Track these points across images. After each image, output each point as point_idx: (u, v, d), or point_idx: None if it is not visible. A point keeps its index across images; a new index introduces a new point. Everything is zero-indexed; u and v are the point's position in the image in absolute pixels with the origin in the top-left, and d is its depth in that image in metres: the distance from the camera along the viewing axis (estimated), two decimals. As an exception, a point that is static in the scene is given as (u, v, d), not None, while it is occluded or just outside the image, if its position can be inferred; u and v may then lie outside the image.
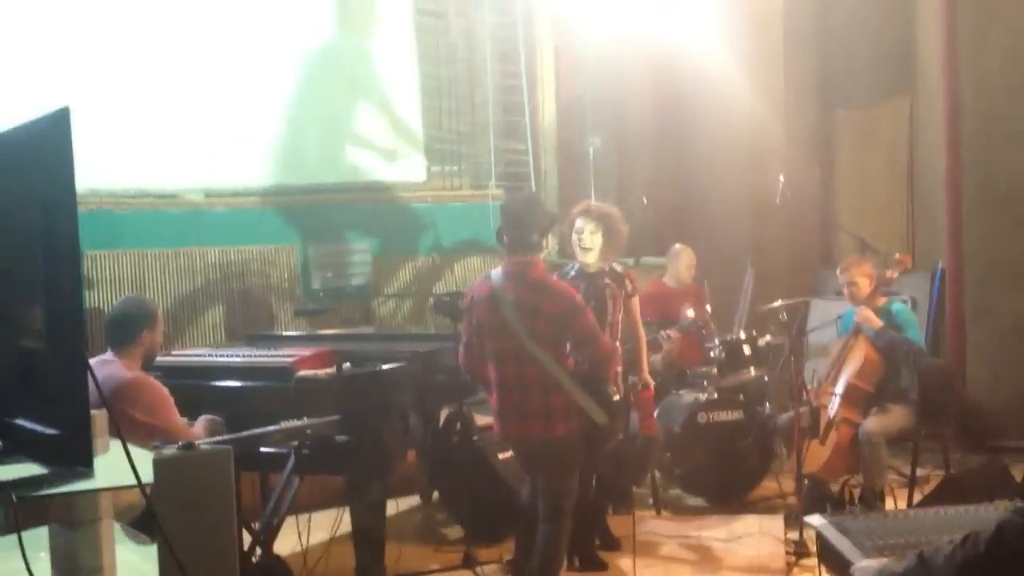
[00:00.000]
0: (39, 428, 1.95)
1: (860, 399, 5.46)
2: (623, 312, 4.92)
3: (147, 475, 1.98)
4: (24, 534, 2.13)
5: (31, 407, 1.99)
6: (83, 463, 1.90)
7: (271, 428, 3.92)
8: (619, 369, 4.68)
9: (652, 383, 5.21)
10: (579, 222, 4.91)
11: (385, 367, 4.46)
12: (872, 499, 5.17)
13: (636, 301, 5.06)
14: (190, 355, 5.14)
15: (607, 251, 4.91)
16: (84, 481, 1.92)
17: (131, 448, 2.00)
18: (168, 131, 7.45)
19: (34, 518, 2.34)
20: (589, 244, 4.86)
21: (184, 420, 4.23)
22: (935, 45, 7.23)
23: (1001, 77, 6.93)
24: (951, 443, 6.01)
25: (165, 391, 4.18)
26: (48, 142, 1.95)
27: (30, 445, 2.00)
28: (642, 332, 5.17)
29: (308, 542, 4.31)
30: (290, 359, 4.48)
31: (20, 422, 2.01)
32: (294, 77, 8.00)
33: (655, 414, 5.89)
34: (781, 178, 7.16)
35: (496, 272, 4.27)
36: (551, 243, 4.44)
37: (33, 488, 1.92)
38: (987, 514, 2.74)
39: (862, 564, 2.63)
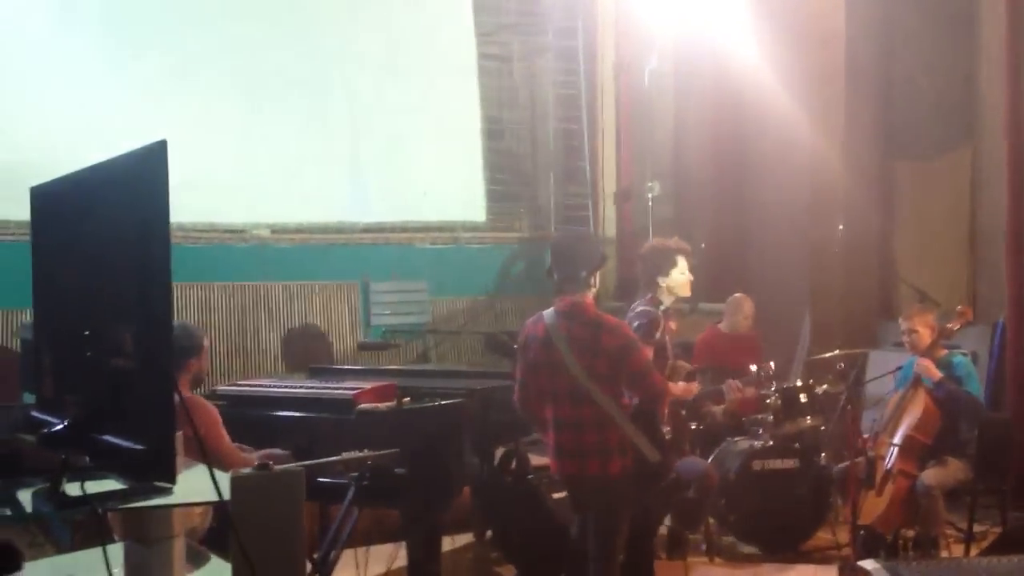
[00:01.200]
0: (125, 444, 2.05)
1: (918, 451, 5.41)
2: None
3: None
4: (95, 551, 2.24)
5: (119, 424, 2.09)
6: (166, 478, 1.99)
7: (333, 458, 4.00)
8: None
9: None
10: (685, 262, 4.79)
11: (443, 403, 4.53)
12: (927, 545, 5.11)
13: None
14: (253, 385, 5.26)
15: None
16: (166, 496, 2.01)
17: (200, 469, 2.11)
18: (237, 167, 7.68)
19: (101, 535, 2.44)
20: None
21: (252, 450, 4.33)
22: (998, 97, 7.21)
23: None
24: (1010, 500, 5.92)
25: (215, 413, 4.28)
26: (145, 172, 2.06)
27: (115, 461, 2.10)
28: None
29: (365, 574, 4.36)
30: (351, 392, 4.57)
31: (107, 438, 2.11)
32: (359, 117, 8.21)
33: (711, 459, 5.91)
34: (840, 227, 7.15)
35: (549, 312, 4.29)
36: (598, 281, 4.44)
37: (118, 501, 2.02)
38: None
39: None
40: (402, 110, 8.40)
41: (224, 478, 2.09)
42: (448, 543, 5.27)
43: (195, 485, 2.17)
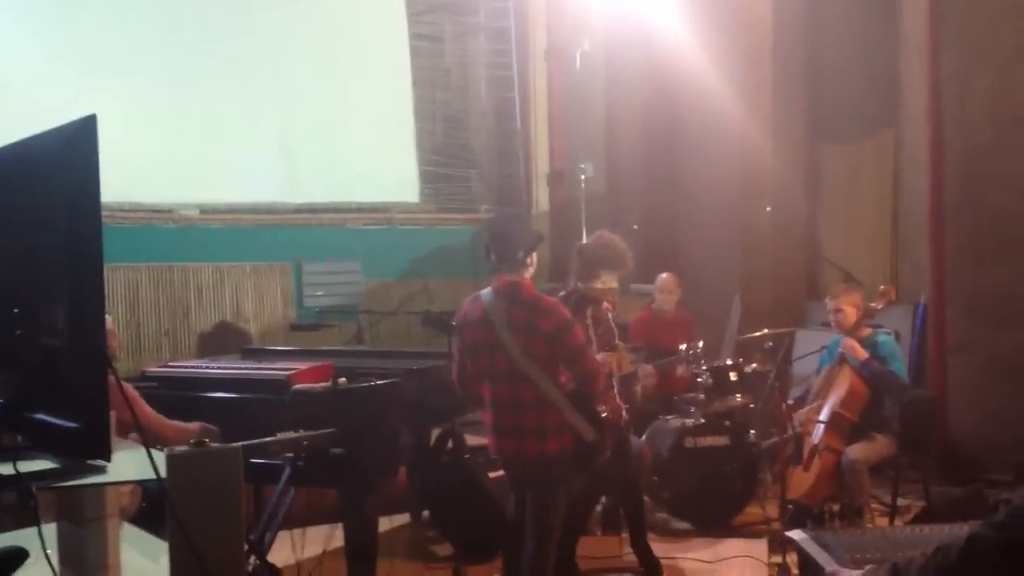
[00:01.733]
0: (58, 422, 2.02)
1: (844, 427, 5.53)
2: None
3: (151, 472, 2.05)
4: (24, 532, 2.20)
5: (51, 402, 2.06)
6: (101, 455, 1.97)
7: (268, 439, 3.97)
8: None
9: None
10: (613, 279, 4.82)
11: (379, 383, 4.53)
12: (852, 516, 5.24)
13: None
14: (185, 366, 5.20)
15: None
16: (101, 474, 1.99)
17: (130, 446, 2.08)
18: (165, 146, 7.55)
19: (32, 517, 2.40)
20: (612, 301, 4.90)
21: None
22: (920, 83, 7.38)
23: (985, 115, 7.07)
24: (932, 475, 6.09)
25: (129, 387, 4.23)
26: (75, 148, 2.02)
27: (48, 439, 2.07)
28: None
29: (302, 555, 4.35)
30: (285, 373, 4.54)
31: (40, 416, 2.07)
32: (291, 96, 8.12)
33: (645, 437, 6.00)
34: (768, 209, 7.27)
35: (487, 292, 4.31)
36: (535, 260, 4.44)
37: (52, 479, 1.99)
38: (961, 532, 2.82)
39: (835, 569, 2.72)
40: (334, 90, 8.32)
41: (159, 456, 2.07)
42: (385, 523, 5.27)
43: (128, 463, 2.15)
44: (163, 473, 2.02)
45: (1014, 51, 6.99)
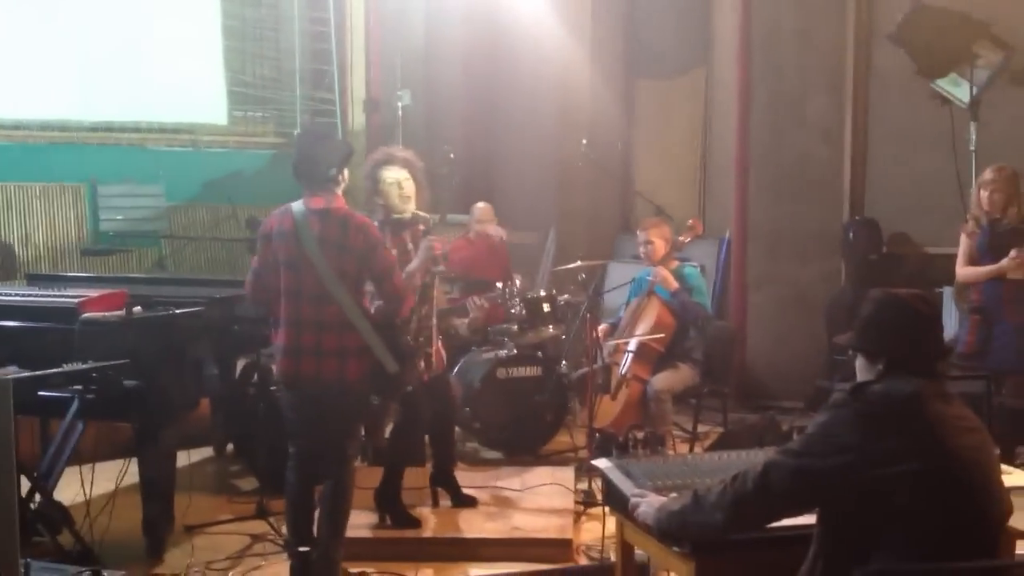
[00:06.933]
0: None
1: (651, 357, 5.68)
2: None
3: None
4: None
5: None
6: None
7: (52, 371, 3.73)
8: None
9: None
10: (394, 171, 4.75)
11: (178, 312, 4.33)
12: (655, 444, 5.39)
13: None
14: (-36, 293, 4.81)
15: (420, 199, 4.81)
16: None
17: None
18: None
19: None
20: (410, 192, 4.75)
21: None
22: (731, 23, 7.56)
23: (791, 59, 7.32)
24: (731, 402, 6.36)
25: None
26: None
27: None
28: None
29: (91, 492, 4.12)
30: (75, 300, 4.29)
31: None
32: (89, 5, 7.57)
33: (455, 370, 5.97)
34: (584, 142, 7.33)
35: (298, 206, 4.09)
36: (347, 177, 4.27)
37: None
38: (757, 458, 2.92)
39: (637, 492, 2.79)
40: (135, 1, 7.80)
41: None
42: (185, 457, 5.07)
43: None
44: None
45: (822, -1, 7.25)
